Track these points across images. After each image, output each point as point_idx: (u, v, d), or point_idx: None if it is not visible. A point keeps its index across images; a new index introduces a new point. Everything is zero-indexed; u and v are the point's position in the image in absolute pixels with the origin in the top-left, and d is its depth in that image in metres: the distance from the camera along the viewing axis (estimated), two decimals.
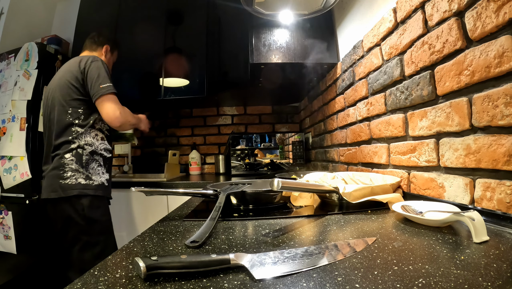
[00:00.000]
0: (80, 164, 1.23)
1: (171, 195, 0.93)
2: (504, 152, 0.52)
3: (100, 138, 1.30)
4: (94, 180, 1.24)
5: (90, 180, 1.23)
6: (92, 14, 2.12)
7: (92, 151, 1.26)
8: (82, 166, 1.23)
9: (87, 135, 1.26)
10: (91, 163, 1.25)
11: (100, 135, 1.31)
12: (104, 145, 1.32)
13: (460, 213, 0.49)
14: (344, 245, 0.45)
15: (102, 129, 1.33)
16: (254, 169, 2.01)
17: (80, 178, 1.22)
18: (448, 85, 0.66)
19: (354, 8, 1.20)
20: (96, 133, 1.29)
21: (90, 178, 1.24)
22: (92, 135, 1.27)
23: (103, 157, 1.30)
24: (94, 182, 1.24)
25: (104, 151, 1.31)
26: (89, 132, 1.27)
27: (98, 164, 1.27)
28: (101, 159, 1.29)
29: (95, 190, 1.23)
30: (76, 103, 1.27)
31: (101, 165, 1.29)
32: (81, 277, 0.36)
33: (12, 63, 1.91)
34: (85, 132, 1.26)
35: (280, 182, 0.57)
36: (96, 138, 1.29)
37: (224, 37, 1.96)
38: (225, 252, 0.45)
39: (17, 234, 1.75)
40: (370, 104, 1.06)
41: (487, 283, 0.31)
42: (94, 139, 1.28)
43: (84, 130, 1.26)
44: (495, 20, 0.52)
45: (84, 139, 1.25)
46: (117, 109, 1.25)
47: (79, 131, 1.25)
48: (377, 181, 0.87)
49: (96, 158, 1.27)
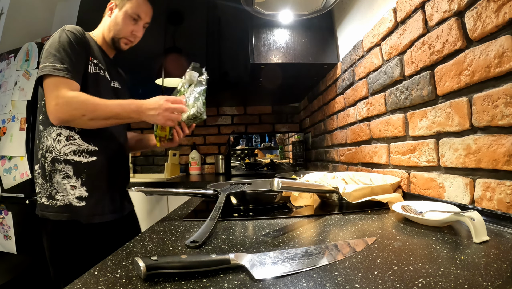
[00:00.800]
0: (44, 177, 0.91)
1: (171, 195, 0.93)
2: (504, 152, 0.52)
3: (64, 139, 0.90)
4: (57, 200, 0.88)
5: (52, 200, 0.89)
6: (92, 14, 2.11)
7: (53, 158, 0.90)
8: (46, 180, 0.91)
9: (47, 138, 0.91)
10: (54, 176, 0.89)
11: (65, 134, 0.90)
12: (74, 146, 0.91)
13: (460, 213, 0.49)
14: (344, 245, 0.45)
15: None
16: (254, 169, 2.01)
17: (44, 196, 0.90)
18: (448, 85, 0.66)
19: (354, 8, 1.20)
20: (58, 132, 0.90)
21: (52, 196, 0.89)
22: (52, 137, 0.90)
23: (72, 163, 0.90)
24: (57, 202, 0.88)
25: (74, 155, 0.91)
26: (49, 133, 0.91)
27: (63, 176, 0.89)
28: (68, 168, 0.90)
29: (56, 213, 0.88)
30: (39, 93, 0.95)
31: (69, 176, 0.90)
32: (81, 277, 0.36)
33: (12, 63, 1.91)
34: (45, 132, 0.92)
35: (280, 182, 0.57)
36: (58, 139, 0.90)
37: (224, 37, 1.96)
38: (225, 252, 0.45)
39: (17, 234, 1.75)
40: (370, 104, 1.06)
41: (487, 283, 0.31)
42: (56, 141, 0.90)
43: (45, 129, 0.92)
44: (495, 20, 0.52)
45: (45, 144, 0.91)
46: (54, 98, 0.84)
47: (41, 131, 0.93)
48: (377, 181, 0.87)
49: (59, 168, 0.89)
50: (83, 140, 0.93)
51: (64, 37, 0.90)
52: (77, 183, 0.91)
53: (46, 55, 0.88)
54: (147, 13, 1.05)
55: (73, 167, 0.90)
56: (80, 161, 0.91)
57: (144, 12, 1.04)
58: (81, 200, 0.90)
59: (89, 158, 0.93)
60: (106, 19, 1.05)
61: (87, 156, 0.93)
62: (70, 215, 0.89)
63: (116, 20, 1.01)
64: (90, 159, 0.93)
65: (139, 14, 1.02)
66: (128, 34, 1.03)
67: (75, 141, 0.92)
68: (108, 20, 1.03)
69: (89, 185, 0.92)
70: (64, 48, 0.88)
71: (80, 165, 0.91)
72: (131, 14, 1.01)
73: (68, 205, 0.89)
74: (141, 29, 1.06)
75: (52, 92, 0.85)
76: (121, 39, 1.03)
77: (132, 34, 1.04)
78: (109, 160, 0.98)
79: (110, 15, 1.03)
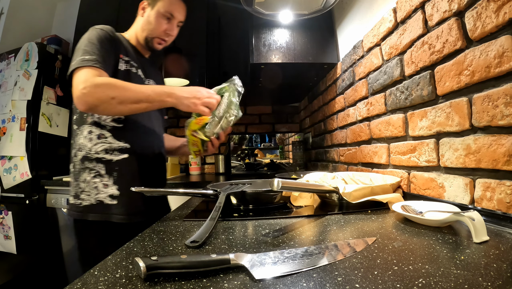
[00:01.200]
0: (73, 176, 0.92)
1: (171, 195, 0.93)
2: (504, 152, 0.52)
3: (96, 137, 0.90)
4: (82, 199, 0.88)
5: (78, 199, 0.88)
6: (92, 14, 2.12)
7: (83, 157, 0.89)
8: (74, 179, 0.91)
9: (80, 136, 0.91)
10: (82, 174, 0.89)
11: (96, 132, 0.90)
12: (105, 144, 0.90)
13: (460, 213, 0.49)
14: (344, 245, 0.45)
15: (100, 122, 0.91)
16: (254, 169, 2.01)
17: (71, 194, 0.91)
18: (448, 85, 0.66)
19: (354, 8, 1.20)
20: (90, 130, 0.90)
21: (77, 195, 0.89)
22: (83, 135, 0.90)
23: (104, 162, 0.89)
24: (82, 201, 0.87)
25: (106, 153, 0.90)
26: (82, 131, 0.91)
27: (94, 174, 0.88)
28: (100, 166, 0.89)
29: (81, 213, 0.87)
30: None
31: (101, 174, 0.88)
32: (81, 277, 0.36)
33: (12, 63, 1.91)
34: (78, 131, 0.92)
35: (280, 182, 0.57)
36: (89, 137, 0.90)
37: (224, 37, 1.96)
38: (225, 252, 0.45)
39: (17, 234, 1.75)
40: (370, 104, 1.06)
41: (487, 283, 0.31)
42: (86, 139, 0.90)
43: (78, 128, 0.92)
44: (495, 20, 0.52)
45: (77, 143, 0.91)
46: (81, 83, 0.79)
47: (74, 131, 0.93)
48: (377, 181, 0.87)
49: (90, 166, 0.89)
50: (114, 138, 0.91)
51: (93, 33, 0.89)
52: (109, 181, 0.89)
53: (76, 53, 0.86)
54: (180, 11, 1.02)
55: (105, 165, 0.89)
56: (112, 159, 0.90)
57: (177, 11, 1.01)
58: (113, 198, 0.89)
59: (121, 156, 0.91)
60: (139, 19, 1.03)
61: (118, 154, 0.91)
62: (97, 215, 0.87)
63: (149, 20, 0.99)
64: (121, 157, 0.91)
65: (172, 12, 0.99)
66: (161, 34, 1.00)
67: (106, 139, 0.91)
68: (141, 20, 1.01)
69: (120, 183, 0.90)
70: (92, 43, 0.87)
71: (112, 163, 0.90)
72: (164, 13, 0.98)
73: (96, 205, 0.87)
74: (174, 28, 1.03)
75: (80, 79, 0.80)
76: (154, 39, 1.00)
77: (165, 33, 1.01)
78: (142, 158, 0.96)
79: (142, 15, 1.01)
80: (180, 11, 1.02)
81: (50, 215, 1.80)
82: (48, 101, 1.89)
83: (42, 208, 1.79)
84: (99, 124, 0.90)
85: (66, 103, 2.04)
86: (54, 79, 1.94)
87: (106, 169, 0.89)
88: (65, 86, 2.02)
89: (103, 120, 0.91)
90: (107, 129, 0.91)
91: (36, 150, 1.80)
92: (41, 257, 1.78)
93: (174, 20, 1.01)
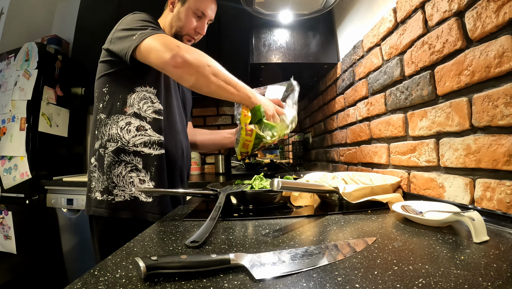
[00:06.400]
0: (101, 170, 0.84)
1: (171, 194, 0.93)
2: (504, 152, 0.52)
3: (134, 129, 0.84)
4: (115, 194, 0.81)
5: (109, 194, 0.82)
6: (92, 14, 2.12)
7: (118, 149, 0.83)
8: (103, 173, 0.84)
9: (111, 126, 0.84)
10: (117, 168, 0.82)
11: (135, 123, 0.84)
12: (145, 137, 0.85)
13: (460, 213, 0.49)
14: (344, 245, 0.45)
15: (140, 113, 0.85)
16: (254, 169, 2.01)
17: (98, 190, 0.84)
18: (448, 85, 0.66)
19: (354, 8, 1.20)
20: (128, 121, 0.84)
21: (109, 190, 0.82)
22: (119, 126, 0.83)
23: (142, 156, 0.84)
24: (115, 197, 0.81)
25: (144, 146, 0.84)
26: (115, 122, 0.84)
27: (131, 168, 0.83)
28: (138, 160, 0.84)
29: (112, 211, 0.81)
30: (101, 81, 0.88)
31: (138, 169, 0.83)
32: (81, 277, 0.36)
33: (12, 63, 1.91)
34: (109, 121, 0.84)
35: (280, 182, 0.57)
36: (127, 129, 0.83)
37: (224, 37, 1.96)
38: (225, 252, 0.45)
39: (17, 234, 1.75)
40: (370, 104, 1.06)
41: (487, 283, 0.31)
42: (124, 130, 0.83)
43: (107, 118, 0.85)
44: (495, 20, 0.52)
45: (107, 133, 0.84)
46: (168, 43, 0.75)
47: (103, 120, 0.86)
48: (377, 181, 0.87)
49: (126, 159, 0.83)
50: (154, 131, 0.87)
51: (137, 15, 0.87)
52: (146, 176, 0.84)
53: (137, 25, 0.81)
54: (212, 9, 0.99)
55: (143, 160, 0.84)
56: (151, 154, 0.85)
57: (209, 8, 0.97)
58: (148, 196, 0.84)
59: (159, 151, 0.87)
60: (167, 13, 0.99)
61: (157, 147, 0.87)
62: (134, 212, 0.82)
63: (179, 16, 0.95)
64: (160, 152, 0.87)
65: (204, 11, 0.96)
66: (191, 32, 0.97)
67: (146, 132, 0.85)
68: (170, 16, 0.97)
69: (157, 179, 0.86)
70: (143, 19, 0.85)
71: (151, 158, 0.85)
72: (195, 11, 0.95)
73: (130, 201, 0.82)
74: (204, 26, 1.00)
75: (161, 42, 0.75)
76: (184, 36, 0.97)
77: (195, 31, 0.98)
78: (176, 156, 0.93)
79: (172, 10, 0.97)
80: (212, 9, 0.99)
81: (50, 215, 1.80)
82: (48, 101, 1.89)
83: (42, 208, 1.79)
84: (139, 115, 0.85)
85: (66, 103, 2.04)
86: (54, 79, 1.94)
87: (143, 163, 0.84)
88: (65, 86, 2.03)
89: (143, 112, 0.86)
90: (147, 121, 0.86)
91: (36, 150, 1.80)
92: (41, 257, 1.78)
93: (205, 18, 0.98)
